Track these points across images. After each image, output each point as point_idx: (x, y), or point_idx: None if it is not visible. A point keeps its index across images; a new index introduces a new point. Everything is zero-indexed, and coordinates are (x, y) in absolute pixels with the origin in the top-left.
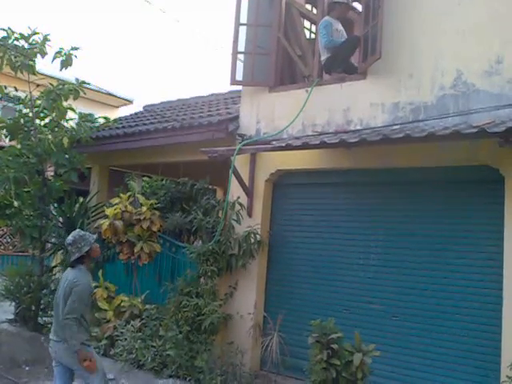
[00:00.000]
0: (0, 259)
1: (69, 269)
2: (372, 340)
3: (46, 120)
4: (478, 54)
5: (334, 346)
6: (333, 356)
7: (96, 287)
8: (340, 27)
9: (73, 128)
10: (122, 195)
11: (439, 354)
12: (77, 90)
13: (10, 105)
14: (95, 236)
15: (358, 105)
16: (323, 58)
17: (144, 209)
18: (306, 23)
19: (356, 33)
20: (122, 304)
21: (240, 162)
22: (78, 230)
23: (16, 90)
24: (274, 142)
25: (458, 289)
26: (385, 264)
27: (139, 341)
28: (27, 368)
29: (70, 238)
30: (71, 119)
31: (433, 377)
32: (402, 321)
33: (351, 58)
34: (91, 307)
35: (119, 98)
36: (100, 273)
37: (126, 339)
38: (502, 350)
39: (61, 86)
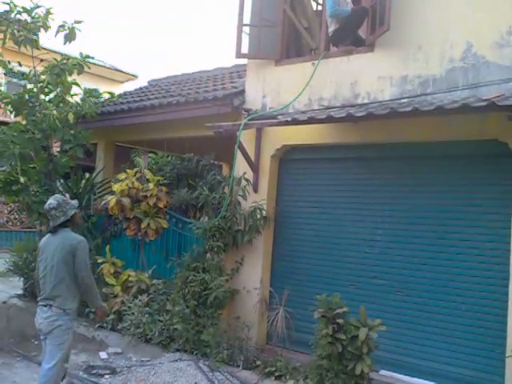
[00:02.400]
0: (8, 235)
1: (49, 235)
2: (377, 315)
3: (51, 95)
4: (489, 25)
5: (340, 321)
6: (338, 330)
7: (103, 262)
8: None
9: (78, 103)
10: (128, 171)
11: (445, 328)
12: (81, 64)
13: (15, 80)
14: (77, 201)
15: (366, 78)
16: (331, 29)
17: (151, 185)
18: None
19: (364, 3)
20: (130, 279)
21: (246, 137)
22: (58, 194)
23: (20, 65)
24: (279, 117)
25: (465, 264)
26: (391, 239)
27: (146, 315)
28: (36, 342)
29: (53, 201)
30: (76, 94)
31: (438, 351)
32: (408, 296)
33: (359, 29)
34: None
35: (124, 72)
36: (107, 248)
37: (133, 314)
38: (508, 325)
39: (65, 61)
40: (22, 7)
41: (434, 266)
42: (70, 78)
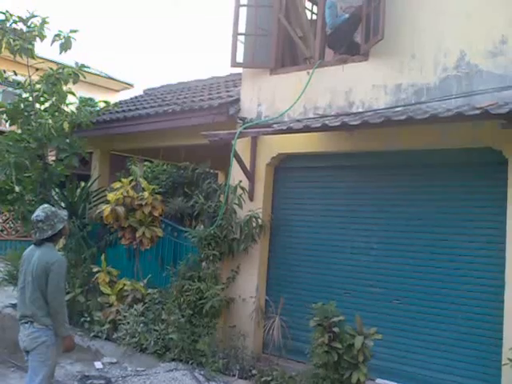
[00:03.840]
0: (3, 244)
1: (33, 247)
2: (373, 323)
3: (46, 104)
4: (482, 34)
5: (336, 329)
6: (334, 339)
7: (98, 271)
8: (345, 2)
9: (73, 112)
10: (123, 180)
11: (440, 337)
12: (76, 73)
13: (10, 89)
14: (66, 212)
15: (360, 87)
16: (328, 34)
17: (146, 194)
18: (308, 4)
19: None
20: (125, 288)
21: (241, 146)
22: (47, 205)
23: (15, 74)
24: (275, 125)
25: (460, 272)
26: (386, 247)
27: (142, 325)
28: None
29: (40, 213)
30: (71, 103)
31: (434, 360)
32: (404, 304)
33: (354, 36)
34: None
35: (119, 81)
36: (102, 257)
37: (128, 323)
38: (504, 333)
39: (60, 70)
40: (18, 16)
41: (429, 273)
42: (65, 87)
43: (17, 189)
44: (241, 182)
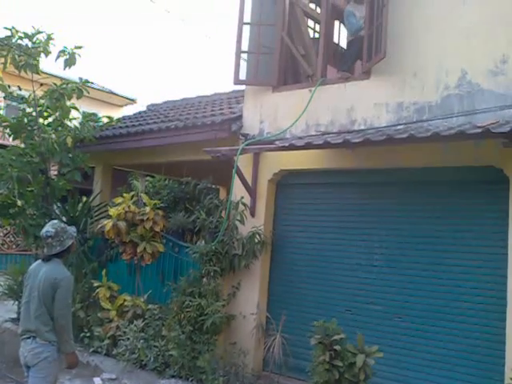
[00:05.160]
0: (3, 258)
1: (40, 262)
2: (375, 341)
3: (50, 119)
4: (483, 53)
5: (337, 348)
6: (335, 357)
7: (99, 286)
8: (361, 11)
9: (76, 127)
10: (125, 195)
11: (442, 355)
12: (80, 89)
13: (14, 104)
14: (75, 229)
15: (362, 104)
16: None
17: (148, 209)
18: (310, 22)
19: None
20: (125, 304)
21: (243, 162)
22: (56, 220)
23: (20, 89)
24: (277, 142)
25: (461, 290)
26: (388, 265)
27: (142, 341)
28: None
29: (50, 229)
30: (75, 118)
31: (436, 378)
32: (405, 322)
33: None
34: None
35: (123, 97)
36: (103, 272)
37: (128, 339)
38: (506, 352)
39: (64, 85)
40: (24, 33)
41: (430, 291)
42: (68, 102)
43: (19, 203)
44: (243, 197)
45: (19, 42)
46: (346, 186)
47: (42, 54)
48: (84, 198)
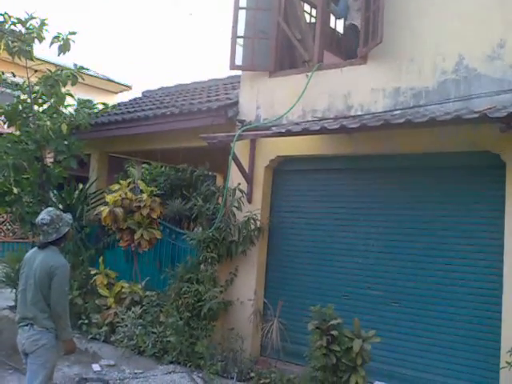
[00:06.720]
0: (0, 246)
1: (36, 249)
2: (371, 326)
3: (45, 106)
4: (480, 38)
5: (334, 333)
6: (333, 342)
7: (96, 274)
8: None
9: (71, 114)
10: (121, 182)
11: (439, 339)
12: (75, 75)
13: (8, 91)
14: (71, 216)
15: (359, 90)
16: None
17: (144, 196)
18: (306, 7)
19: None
20: (123, 290)
21: (240, 148)
22: (51, 208)
23: (14, 75)
24: (273, 128)
25: (458, 275)
26: (385, 250)
27: (140, 327)
28: None
29: (45, 216)
30: (70, 105)
31: (433, 362)
32: (402, 307)
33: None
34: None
35: (118, 83)
36: (100, 259)
37: (126, 326)
38: (502, 336)
39: (59, 72)
40: (17, 18)
41: (427, 276)
42: (63, 89)
43: (15, 190)
44: (239, 184)
45: (12, 27)
46: (343, 171)
47: (36, 40)
48: (80, 186)
